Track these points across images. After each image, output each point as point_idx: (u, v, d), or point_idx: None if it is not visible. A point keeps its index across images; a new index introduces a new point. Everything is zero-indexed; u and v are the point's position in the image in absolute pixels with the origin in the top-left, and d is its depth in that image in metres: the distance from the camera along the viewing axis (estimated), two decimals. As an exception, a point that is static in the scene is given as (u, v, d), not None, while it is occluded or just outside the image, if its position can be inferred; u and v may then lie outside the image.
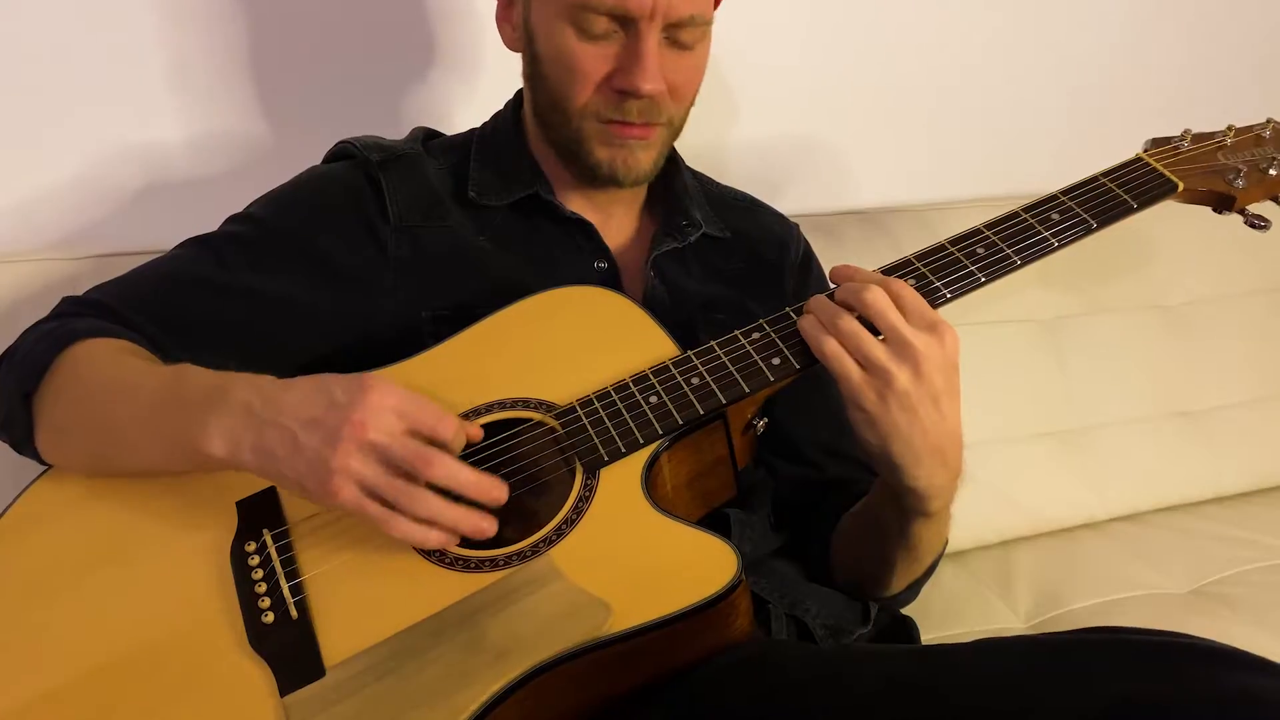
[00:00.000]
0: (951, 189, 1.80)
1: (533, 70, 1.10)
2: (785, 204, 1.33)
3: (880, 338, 0.88)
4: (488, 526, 0.84)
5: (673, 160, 1.20)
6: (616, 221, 1.17)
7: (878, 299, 0.88)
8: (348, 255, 1.07)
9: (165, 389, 0.90)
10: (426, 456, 0.81)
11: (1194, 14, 1.90)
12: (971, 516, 1.58)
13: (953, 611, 1.42)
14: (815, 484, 1.16)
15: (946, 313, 0.93)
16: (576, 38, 1.02)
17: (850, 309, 0.91)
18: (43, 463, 0.97)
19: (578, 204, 1.14)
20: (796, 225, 1.31)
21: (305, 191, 1.12)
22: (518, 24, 1.09)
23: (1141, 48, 1.89)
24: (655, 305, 1.08)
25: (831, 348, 0.89)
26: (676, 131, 1.12)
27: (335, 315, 1.06)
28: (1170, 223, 1.67)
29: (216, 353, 1.02)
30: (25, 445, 0.97)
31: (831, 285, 0.96)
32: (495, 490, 0.85)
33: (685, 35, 1.03)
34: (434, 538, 0.83)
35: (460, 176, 1.14)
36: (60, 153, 1.36)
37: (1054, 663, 0.68)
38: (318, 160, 1.18)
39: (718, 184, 1.30)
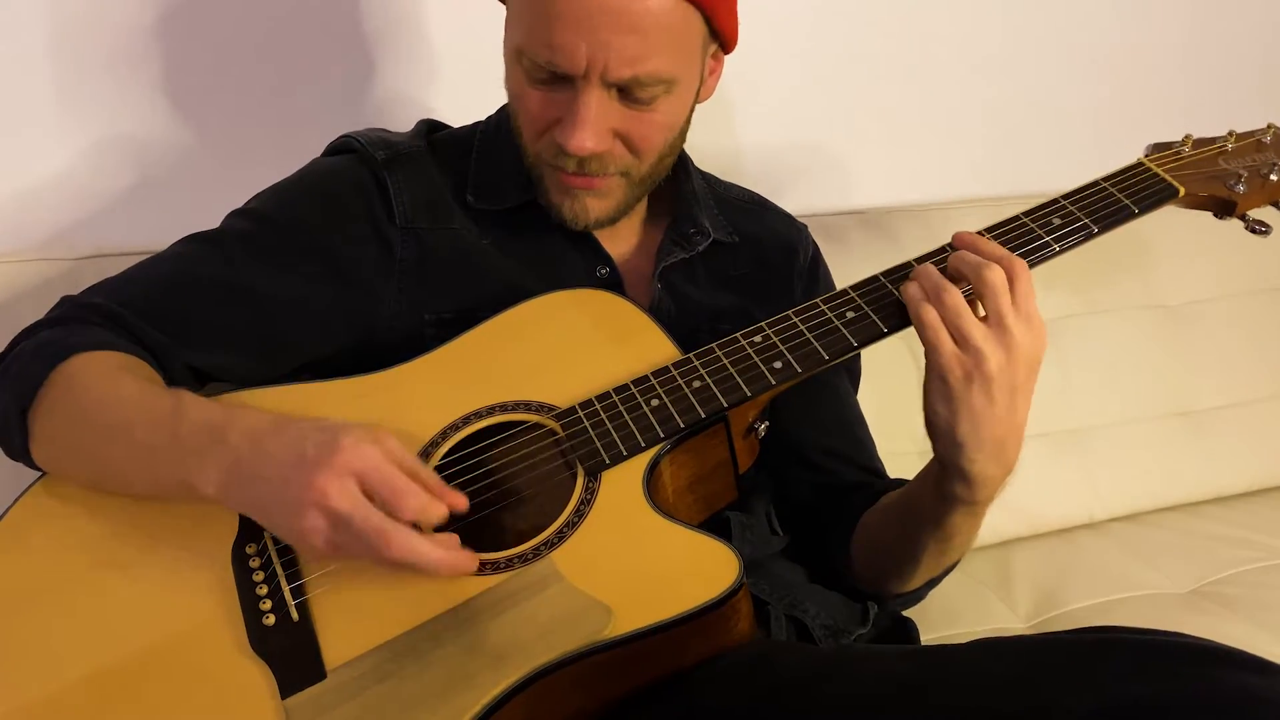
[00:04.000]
0: (952, 189, 1.80)
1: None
2: (786, 204, 1.33)
3: (982, 316, 0.89)
4: (466, 567, 0.84)
5: (681, 163, 1.18)
6: (620, 228, 1.14)
7: (996, 280, 0.88)
8: (353, 255, 1.06)
9: (161, 426, 0.89)
10: (385, 535, 0.79)
11: (1195, 18, 1.90)
12: (971, 517, 1.58)
13: (952, 612, 1.42)
14: (832, 488, 1.16)
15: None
16: (525, 80, 1.00)
17: (959, 278, 0.91)
18: (40, 470, 0.97)
19: None
20: (805, 227, 1.29)
21: (310, 188, 1.10)
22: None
23: (1143, 52, 1.89)
24: (662, 317, 1.06)
25: (931, 317, 0.89)
26: (641, 183, 1.08)
27: (339, 315, 1.05)
28: (1171, 223, 1.67)
29: (218, 352, 1.02)
30: (23, 457, 0.96)
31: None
32: (461, 566, 0.83)
33: (639, 93, 0.99)
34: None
35: (461, 177, 1.13)
36: (56, 151, 1.36)
37: (1053, 663, 0.68)
38: (316, 154, 1.17)
39: (724, 183, 1.28)
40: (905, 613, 1.15)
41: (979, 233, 0.97)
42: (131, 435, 0.89)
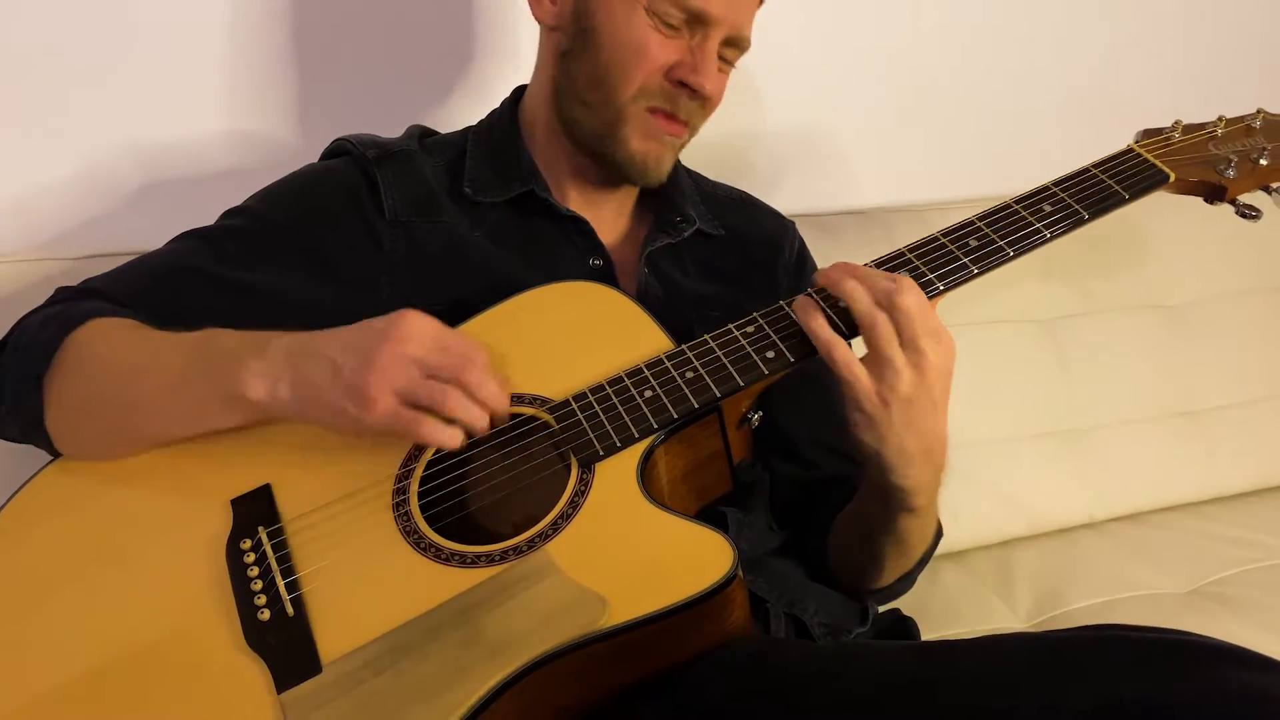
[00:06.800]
0: (951, 188, 1.80)
1: (577, 45, 1.09)
2: (785, 203, 1.33)
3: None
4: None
5: None
6: (611, 218, 1.18)
7: (912, 305, 0.88)
8: (344, 251, 1.07)
9: (196, 347, 0.92)
10: (468, 357, 0.87)
11: (1188, 7, 1.91)
12: (971, 516, 1.58)
13: (953, 611, 1.42)
14: (814, 482, 1.16)
15: (945, 309, 0.94)
16: (650, 24, 1.04)
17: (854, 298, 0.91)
18: (51, 450, 0.97)
19: (573, 201, 1.14)
20: (792, 223, 1.31)
21: (303, 187, 1.12)
22: (564, 1, 1.10)
23: (1136, 42, 1.90)
24: (649, 301, 1.08)
25: (842, 352, 0.90)
26: (685, 144, 1.15)
27: (330, 310, 1.04)
28: (1170, 222, 1.68)
29: None
30: (35, 429, 0.97)
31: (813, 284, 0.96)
32: (503, 405, 0.90)
33: (730, 54, 1.09)
34: (456, 436, 0.87)
35: (456, 173, 1.14)
36: (57, 152, 1.36)
37: (1054, 660, 0.68)
38: (317, 157, 1.18)
39: (712, 181, 1.30)
40: (906, 611, 1.15)
41: (967, 219, 0.99)
42: (163, 366, 0.92)
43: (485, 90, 1.22)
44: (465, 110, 1.25)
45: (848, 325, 0.92)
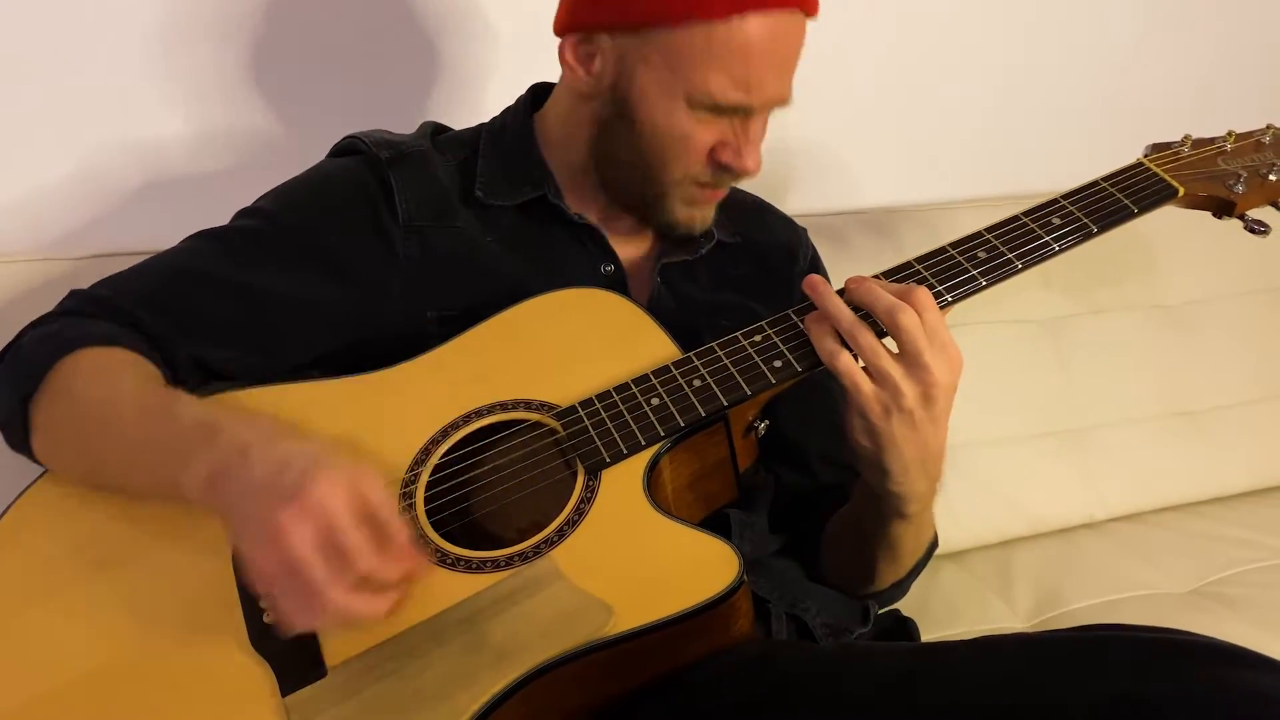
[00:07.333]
0: (952, 189, 1.80)
1: (617, 125, 1.06)
2: (787, 204, 1.33)
3: (896, 353, 0.89)
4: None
5: None
6: (628, 229, 1.15)
7: (910, 323, 0.88)
8: (357, 255, 1.06)
9: (154, 424, 0.88)
10: (319, 599, 0.75)
11: (1196, 19, 1.90)
12: (971, 516, 1.58)
13: (953, 611, 1.43)
14: (815, 491, 1.16)
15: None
16: (691, 115, 1.02)
17: (859, 309, 0.92)
18: (41, 464, 0.97)
19: (586, 207, 1.13)
20: (805, 231, 1.30)
21: (315, 188, 1.11)
22: (600, 76, 1.05)
23: (1144, 52, 1.90)
24: (661, 311, 1.07)
25: (845, 363, 0.90)
26: None
27: (342, 314, 1.05)
28: (1171, 223, 1.67)
29: (221, 346, 1.02)
30: (22, 447, 0.97)
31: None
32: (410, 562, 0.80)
33: (772, 113, 1.07)
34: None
35: (468, 175, 1.13)
36: (59, 151, 1.36)
37: (1053, 661, 0.68)
38: (319, 156, 1.17)
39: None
40: (906, 612, 1.15)
41: (976, 232, 0.98)
42: (126, 431, 0.89)
43: (485, 87, 1.20)
44: (466, 105, 1.24)
45: None
